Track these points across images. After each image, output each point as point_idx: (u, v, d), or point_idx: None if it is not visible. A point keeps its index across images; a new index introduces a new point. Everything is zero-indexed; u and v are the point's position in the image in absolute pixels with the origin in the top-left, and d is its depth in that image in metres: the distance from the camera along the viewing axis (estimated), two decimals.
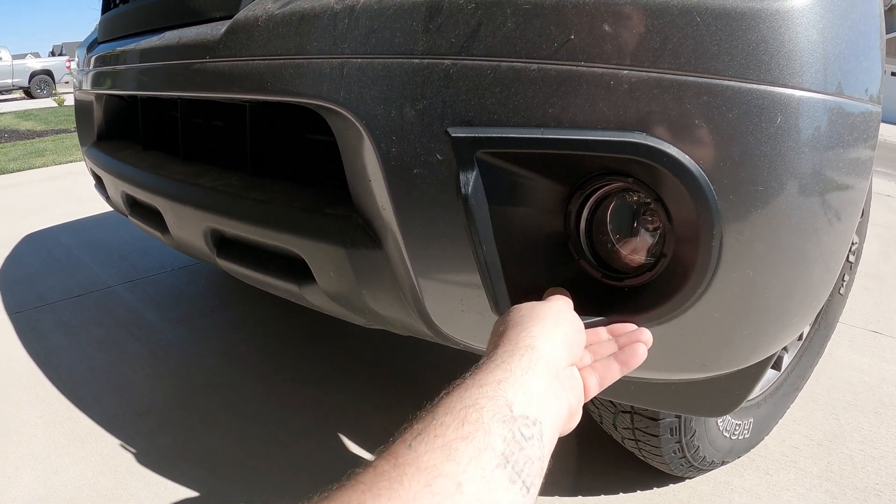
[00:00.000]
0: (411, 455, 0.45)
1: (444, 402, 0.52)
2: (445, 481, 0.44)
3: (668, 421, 1.31)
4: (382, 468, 0.44)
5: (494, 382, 0.54)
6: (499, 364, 0.56)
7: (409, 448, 0.46)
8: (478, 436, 0.48)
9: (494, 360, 0.57)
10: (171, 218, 1.37)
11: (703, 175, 0.70)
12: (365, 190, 0.92)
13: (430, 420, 0.49)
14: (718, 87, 0.68)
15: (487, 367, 0.56)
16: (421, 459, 0.45)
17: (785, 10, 0.69)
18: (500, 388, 0.53)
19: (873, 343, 2.55)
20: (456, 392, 0.53)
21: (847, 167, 0.81)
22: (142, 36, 1.41)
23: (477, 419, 0.49)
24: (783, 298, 0.84)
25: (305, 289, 1.12)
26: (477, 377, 0.54)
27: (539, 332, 0.62)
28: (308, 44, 0.91)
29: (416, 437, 0.47)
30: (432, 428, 0.48)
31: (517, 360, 0.57)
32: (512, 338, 0.62)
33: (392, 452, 0.46)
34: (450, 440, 0.47)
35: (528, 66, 0.73)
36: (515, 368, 0.56)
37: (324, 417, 1.80)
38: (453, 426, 0.48)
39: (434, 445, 0.46)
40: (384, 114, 0.83)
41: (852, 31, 0.80)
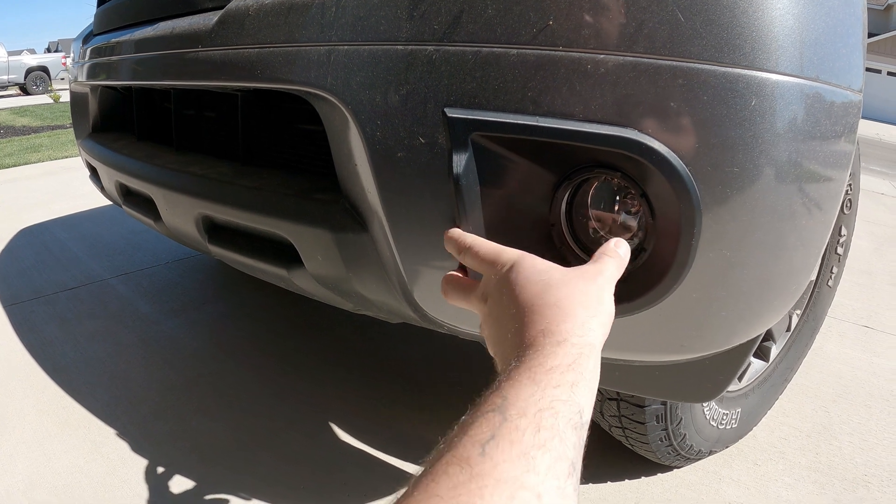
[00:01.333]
0: (488, 464, 0.43)
1: (513, 397, 0.49)
2: (527, 494, 0.42)
3: (654, 408, 1.32)
4: (458, 478, 0.42)
5: (568, 385, 0.51)
6: (571, 365, 0.53)
7: (483, 455, 0.43)
8: (554, 443, 0.46)
9: (563, 355, 0.54)
10: (164, 205, 1.38)
11: (688, 172, 0.71)
12: (351, 174, 0.94)
13: (500, 421, 0.46)
14: (693, 71, 0.70)
15: (557, 362, 0.53)
16: (499, 469, 0.42)
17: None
18: (574, 392, 0.50)
19: (864, 338, 2.56)
20: (525, 388, 0.49)
21: (825, 153, 0.82)
22: (136, 27, 1.43)
23: (553, 425, 0.47)
24: (760, 283, 0.85)
25: (294, 273, 1.13)
26: (549, 374, 0.51)
27: (596, 326, 0.60)
28: (297, 32, 0.93)
29: (490, 443, 0.44)
30: (507, 432, 0.45)
31: (586, 363, 0.54)
32: (576, 327, 0.58)
33: (464, 458, 0.43)
34: (527, 448, 0.44)
35: (509, 52, 0.75)
36: (586, 371, 0.53)
37: (316, 408, 1.82)
38: (529, 431, 0.46)
39: (512, 454, 0.44)
40: (369, 99, 0.85)
41: (831, 17, 0.81)
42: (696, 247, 0.75)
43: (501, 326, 0.62)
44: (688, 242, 0.74)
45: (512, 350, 0.58)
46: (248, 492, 1.49)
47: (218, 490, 1.49)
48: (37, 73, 18.41)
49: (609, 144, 0.72)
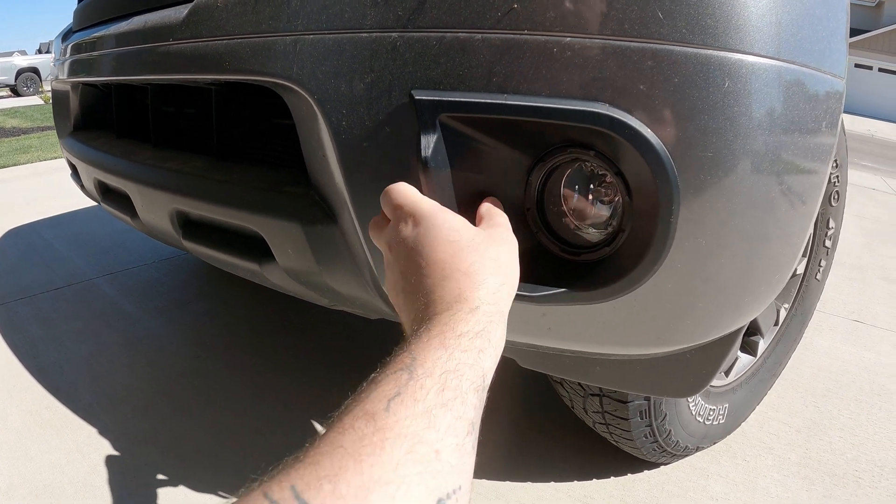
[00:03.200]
0: (391, 419, 0.44)
1: (422, 357, 0.51)
2: (425, 449, 0.43)
3: (637, 403, 1.31)
4: (362, 431, 0.43)
5: (475, 350, 0.53)
6: (480, 332, 0.55)
7: (387, 411, 0.45)
8: (456, 404, 0.48)
9: (474, 322, 0.56)
10: (140, 202, 1.37)
11: (663, 146, 0.70)
12: (320, 166, 0.92)
13: (407, 379, 0.48)
14: (663, 52, 0.68)
15: (467, 329, 0.55)
16: (402, 424, 0.44)
17: None
18: (480, 357, 0.53)
19: (855, 332, 2.56)
20: (435, 351, 0.51)
21: (804, 138, 0.81)
22: (112, 22, 1.41)
23: (457, 386, 0.49)
24: (739, 273, 0.84)
25: (266, 267, 1.12)
26: (459, 339, 0.53)
27: (506, 293, 0.62)
28: (264, 22, 0.92)
29: (395, 399, 0.46)
30: (412, 390, 0.47)
31: (494, 330, 0.57)
32: (488, 294, 0.60)
33: (369, 413, 0.45)
34: (430, 406, 0.46)
35: (473, 36, 0.73)
36: (493, 338, 0.56)
37: (298, 406, 1.80)
38: (434, 391, 0.48)
39: (415, 411, 0.46)
40: (335, 88, 0.83)
41: (807, 1, 0.80)
42: (675, 226, 0.73)
43: (407, 279, 0.64)
44: (666, 221, 0.73)
45: (422, 308, 0.60)
46: (230, 490, 1.47)
47: (199, 489, 1.47)
48: (27, 74, 18.39)
49: (579, 119, 0.70)
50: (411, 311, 0.62)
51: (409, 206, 0.66)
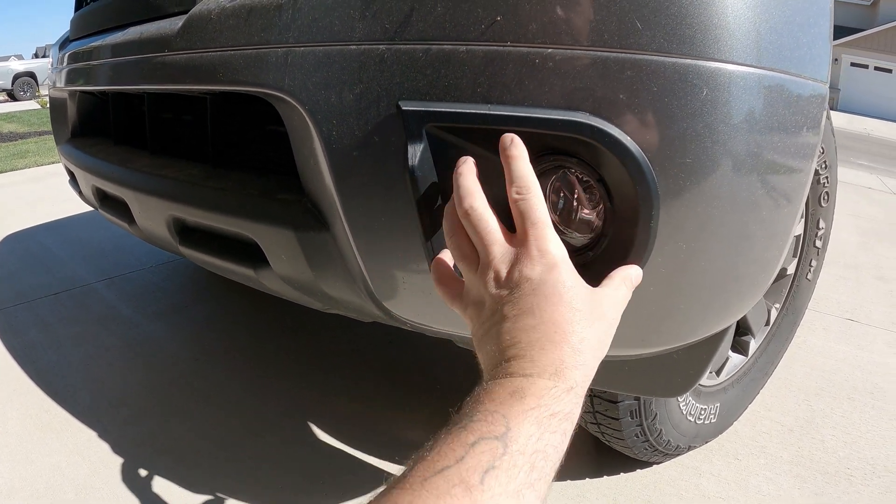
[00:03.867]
0: (486, 495, 0.45)
1: (515, 430, 0.50)
2: None
3: (628, 403, 1.33)
4: (461, 502, 0.45)
5: (562, 433, 0.53)
6: (568, 413, 0.55)
7: (482, 484, 0.46)
8: (540, 484, 0.49)
9: (566, 402, 0.55)
10: (137, 208, 1.39)
11: (642, 154, 0.71)
12: (312, 174, 0.94)
13: (502, 453, 0.48)
14: (642, 62, 0.70)
15: (559, 409, 0.54)
16: (494, 502, 0.46)
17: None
18: (564, 439, 0.54)
19: (848, 331, 2.58)
20: (528, 426, 0.51)
21: (785, 144, 0.83)
22: (109, 32, 1.44)
23: (542, 467, 0.50)
24: (721, 275, 0.86)
25: (261, 273, 1.14)
26: (550, 420, 0.53)
27: (595, 367, 0.61)
28: (256, 34, 0.93)
29: (489, 472, 0.47)
30: (506, 467, 0.48)
31: (578, 409, 0.56)
32: (584, 376, 0.59)
33: (466, 483, 0.46)
34: (520, 486, 0.47)
35: (458, 48, 0.75)
36: (575, 417, 0.56)
37: (297, 409, 1.82)
38: (524, 470, 0.48)
39: (507, 489, 0.47)
40: (325, 99, 0.85)
41: (792, 5, 0.81)
42: (656, 231, 0.75)
43: (504, 323, 0.61)
44: (646, 226, 0.74)
45: (514, 361, 0.58)
46: (227, 492, 1.49)
47: (198, 490, 1.49)
48: (24, 78, 18.37)
49: (561, 129, 0.72)
50: (495, 356, 0.60)
51: (542, 241, 0.63)
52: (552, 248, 0.63)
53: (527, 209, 0.64)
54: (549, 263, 0.62)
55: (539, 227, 0.63)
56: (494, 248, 0.64)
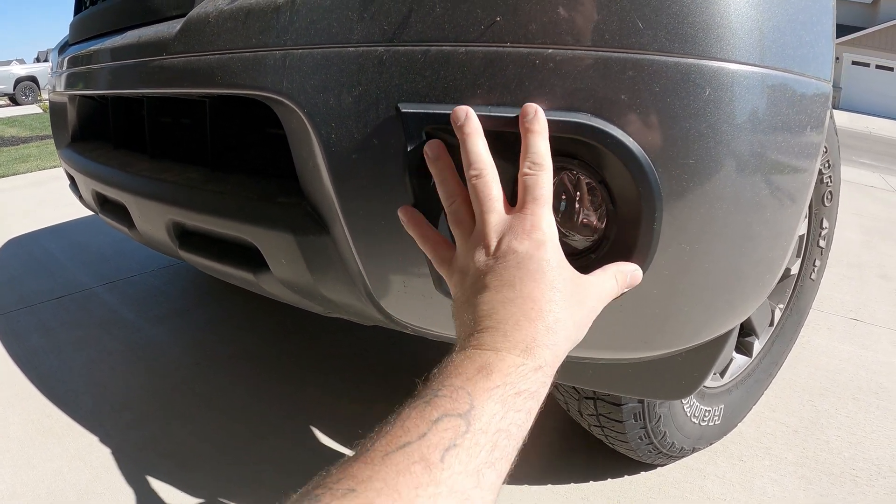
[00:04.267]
0: (445, 473, 0.46)
1: (479, 408, 0.51)
2: None
3: (631, 406, 1.32)
4: (418, 479, 0.45)
5: (527, 411, 0.54)
6: (534, 392, 0.55)
7: (442, 462, 0.47)
8: (501, 464, 0.50)
9: (533, 381, 0.55)
10: (136, 213, 1.39)
11: (644, 155, 0.71)
12: (311, 177, 0.94)
13: (464, 431, 0.49)
14: (643, 62, 0.69)
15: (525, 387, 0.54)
16: (454, 480, 0.46)
17: None
18: (529, 418, 0.54)
19: (852, 330, 2.57)
20: (492, 404, 0.52)
21: (789, 144, 0.82)
22: (107, 36, 1.43)
23: (505, 446, 0.51)
24: (724, 278, 0.85)
25: (261, 277, 1.13)
26: (515, 398, 0.53)
27: (564, 355, 0.62)
28: (254, 37, 0.93)
29: (451, 450, 0.47)
30: (467, 446, 0.48)
31: (544, 390, 0.57)
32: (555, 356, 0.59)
33: (426, 460, 0.46)
34: (480, 465, 0.48)
35: (457, 49, 0.74)
36: (542, 397, 0.56)
37: (300, 412, 1.82)
38: (486, 449, 0.49)
39: (468, 468, 0.47)
40: (323, 102, 0.84)
41: (790, 6, 0.80)
42: (658, 233, 0.74)
43: (483, 293, 0.62)
44: (649, 228, 0.74)
45: (486, 332, 0.58)
46: (230, 496, 1.49)
47: (201, 494, 1.49)
48: (26, 83, 18.42)
49: (562, 130, 0.71)
50: (470, 325, 0.61)
51: (538, 218, 0.64)
52: (545, 226, 0.63)
53: (533, 184, 0.65)
54: (538, 240, 0.62)
55: (539, 203, 0.64)
56: (492, 217, 0.65)
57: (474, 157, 0.67)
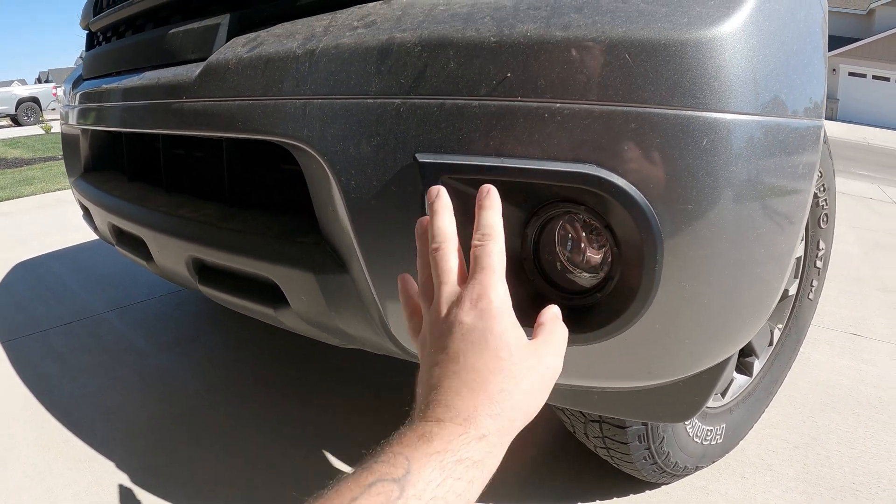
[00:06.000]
0: None
1: (416, 474, 0.51)
2: None
3: (636, 428, 1.36)
4: None
5: (467, 481, 0.53)
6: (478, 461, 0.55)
7: None
8: None
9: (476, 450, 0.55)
10: (155, 247, 1.42)
11: (647, 203, 0.75)
12: (330, 219, 0.98)
13: (396, 497, 0.49)
14: (645, 115, 0.74)
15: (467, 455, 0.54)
16: None
17: (705, 39, 0.74)
18: (470, 488, 0.54)
19: (852, 345, 2.59)
20: (430, 471, 0.52)
21: (783, 183, 0.86)
22: (124, 75, 1.47)
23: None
24: (723, 310, 0.89)
25: (280, 312, 1.17)
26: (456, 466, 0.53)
27: (517, 428, 0.62)
28: (274, 85, 0.97)
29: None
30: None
31: (492, 461, 0.57)
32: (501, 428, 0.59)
33: None
34: None
35: (471, 103, 0.79)
36: (487, 468, 0.56)
37: (310, 436, 1.85)
38: None
39: None
40: (343, 150, 0.89)
41: (786, 50, 0.84)
42: (660, 274, 0.78)
43: (433, 365, 0.63)
44: (651, 270, 0.78)
45: (433, 403, 0.60)
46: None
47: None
48: (28, 103, 18.46)
49: (570, 181, 0.76)
50: (421, 399, 0.62)
51: (485, 287, 0.64)
52: (492, 295, 0.64)
53: (481, 255, 0.66)
54: (482, 309, 0.63)
55: (486, 273, 0.65)
56: (445, 288, 0.66)
57: (436, 231, 0.69)
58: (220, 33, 1.14)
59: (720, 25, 0.75)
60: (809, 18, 0.94)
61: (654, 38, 0.74)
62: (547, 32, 0.76)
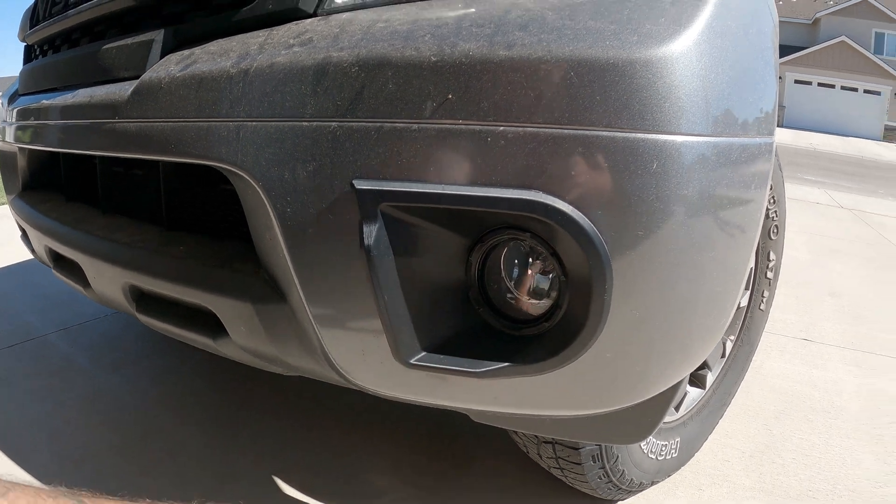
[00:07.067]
0: None
1: None
2: None
3: (590, 449, 1.34)
4: None
5: None
6: None
7: None
8: None
9: None
10: (92, 273, 1.37)
11: (595, 230, 0.73)
12: (268, 246, 0.94)
13: None
14: (592, 138, 0.72)
15: None
16: None
17: (655, 58, 0.73)
18: None
19: (803, 351, 2.63)
20: None
21: (734, 203, 0.85)
22: (58, 91, 1.42)
23: None
24: (677, 333, 0.87)
25: (220, 342, 1.13)
26: None
27: None
28: (207, 107, 0.93)
29: None
30: None
31: None
32: None
33: None
34: None
35: (411, 126, 0.76)
36: None
37: (264, 460, 1.80)
38: None
39: None
40: (278, 175, 0.85)
41: (736, 69, 0.83)
42: (609, 302, 0.76)
43: None
44: (600, 297, 0.76)
45: None
46: None
47: None
48: None
49: (514, 207, 0.74)
50: None
51: None
52: None
53: None
54: None
55: None
56: None
57: None
58: (153, 50, 1.09)
59: (671, 44, 0.74)
60: (761, 33, 0.93)
61: (603, 57, 0.73)
62: (490, 51, 0.74)
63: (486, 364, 0.82)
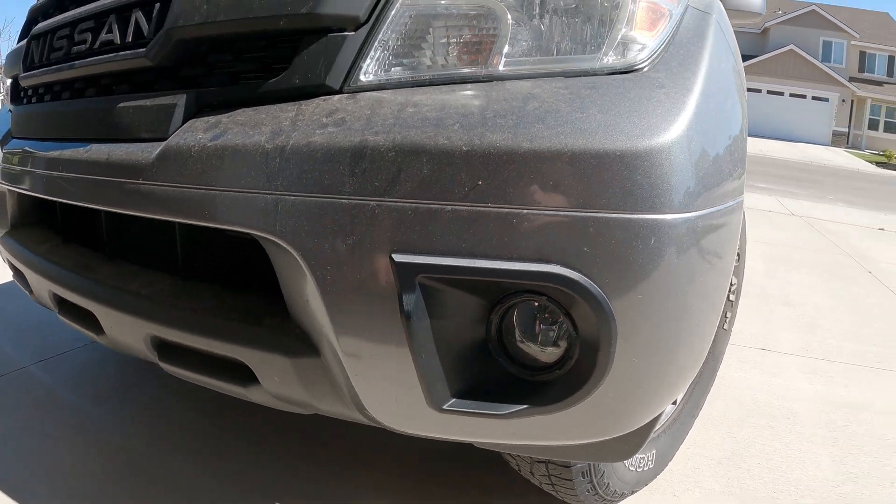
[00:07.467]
0: None
1: None
2: None
3: (580, 466, 1.45)
4: None
5: None
6: None
7: None
8: None
9: None
10: (108, 322, 1.37)
11: (603, 295, 0.85)
12: (303, 308, 1.02)
13: None
14: (602, 220, 0.83)
15: None
16: None
17: (652, 151, 0.85)
18: None
19: (762, 360, 2.77)
20: None
21: (716, 256, 0.97)
22: (64, 143, 1.41)
23: None
24: (667, 371, 0.99)
25: (251, 390, 1.18)
26: None
27: None
28: (243, 178, 0.99)
29: None
30: None
31: None
32: None
33: None
34: None
35: (444, 207, 0.86)
36: None
37: (255, 491, 1.84)
38: None
39: None
40: (318, 247, 0.93)
41: (717, 146, 0.96)
42: (614, 353, 0.88)
43: None
44: (606, 350, 0.88)
45: None
46: None
47: None
48: None
49: (535, 279, 0.85)
50: None
51: None
52: None
53: None
54: None
55: None
56: None
57: None
58: (176, 114, 1.12)
59: (665, 136, 0.86)
60: (735, 107, 1.06)
61: (612, 149, 0.84)
62: (515, 143, 0.84)
63: (508, 406, 0.94)
